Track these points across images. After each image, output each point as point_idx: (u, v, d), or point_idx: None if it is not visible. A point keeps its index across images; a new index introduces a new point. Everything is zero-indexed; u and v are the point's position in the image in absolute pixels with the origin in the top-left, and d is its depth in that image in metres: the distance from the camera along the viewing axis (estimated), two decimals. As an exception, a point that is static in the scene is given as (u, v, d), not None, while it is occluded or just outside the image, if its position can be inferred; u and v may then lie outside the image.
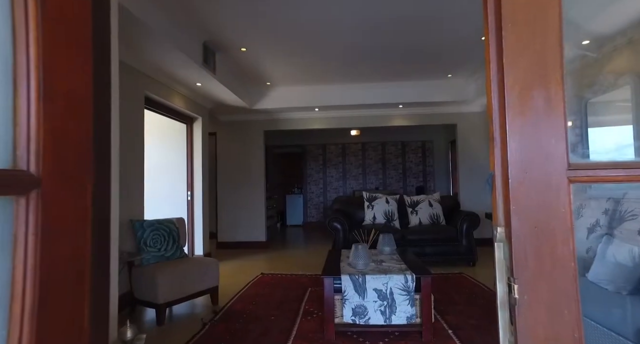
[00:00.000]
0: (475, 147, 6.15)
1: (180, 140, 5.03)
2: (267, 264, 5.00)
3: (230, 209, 6.37)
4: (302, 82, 5.58)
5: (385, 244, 3.19)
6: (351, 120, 6.38)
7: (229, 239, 6.34)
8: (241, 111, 6.07)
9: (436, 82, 5.62)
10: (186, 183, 5.00)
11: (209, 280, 3.07)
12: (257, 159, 6.42)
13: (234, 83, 4.89)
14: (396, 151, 9.68)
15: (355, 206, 5.24)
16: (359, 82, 5.59)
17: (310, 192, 9.85)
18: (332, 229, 4.69)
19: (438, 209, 4.88)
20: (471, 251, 4.52)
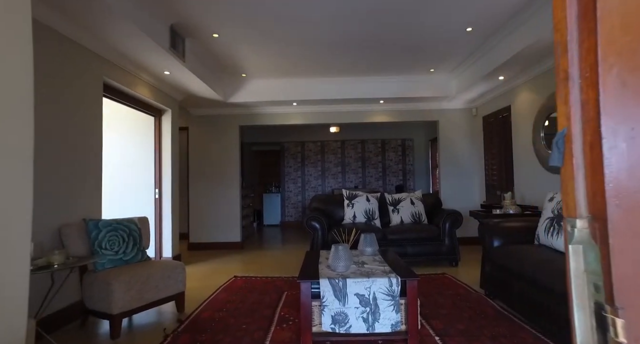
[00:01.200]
0: (456, 145, 6.06)
1: (147, 134, 4.67)
2: (241, 266, 4.71)
3: (203, 208, 6.04)
4: (279, 75, 5.31)
5: (367, 244, 2.98)
6: (331, 116, 6.16)
7: (202, 239, 6.00)
8: (215, 105, 5.75)
9: (418, 77, 5.48)
10: (154, 180, 4.65)
11: (173, 285, 2.78)
12: (232, 156, 6.11)
13: (206, 73, 4.58)
14: (376, 149, 9.55)
15: (335, 204, 5.02)
16: (339, 75, 5.38)
17: (288, 191, 9.59)
18: (310, 228, 4.45)
19: (420, 208, 4.73)
20: (454, 250, 4.39)
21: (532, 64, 4.07)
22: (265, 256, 5.42)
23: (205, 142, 6.11)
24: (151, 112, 4.52)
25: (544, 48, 3.58)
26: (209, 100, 5.42)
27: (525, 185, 4.57)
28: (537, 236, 2.84)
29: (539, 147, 4.19)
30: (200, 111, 6.07)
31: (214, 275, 4.26)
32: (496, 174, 5.35)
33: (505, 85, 4.87)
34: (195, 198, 6.04)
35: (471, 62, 4.71)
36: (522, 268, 2.52)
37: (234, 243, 6.01)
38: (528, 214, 3.88)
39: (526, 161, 4.54)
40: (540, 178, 4.25)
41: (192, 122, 6.12)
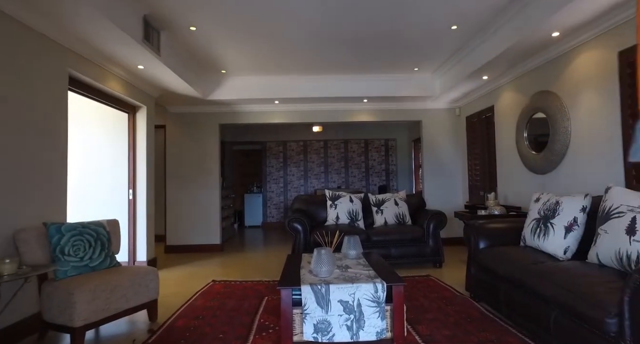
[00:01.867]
0: (440, 145, 6.03)
1: (120, 132, 4.43)
2: (221, 270, 4.53)
3: (181, 209, 5.81)
4: (261, 72, 5.15)
5: (350, 247, 2.86)
6: (314, 114, 6.04)
7: (179, 242, 5.78)
8: (193, 102, 5.53)
9: (402, 76, 5.42)
10: (128, 180, 4.41)
11: (145, 293, 2.59)
12: (212, 155, 5.91)
13: (183, 68, 4.37)
14: (359, 149, 9.48)
15: (317, 205, 4.90)
16: (322, 73, 5.26)
17: (270, 191, 9.41)
18: (292, 230, 4.31)
19: (404, 208, 4.66)
20: (438, 252, 4.34)
21: (516, 63, 4.05)
22: (246, 258, 5.25)
23: (184, 141, 5.88)
24: (125, 108, 4.28)
25: (528, 47, 3.55)
26: (187, 97, 5.21)
27: (509, 185, 4.56)
28: (523, 237, 2.79)
29: (522, 148, 4.17)
30: (178, 108, 5.84)
31: (191, 280, 4.07)
32: (479, 175, 5.35)
33: (489, 85, 4.86)
34: (173, 199, 5.81)
35: (455, 61, 4.67)
36: (509, 270, 2.46)
37: (213, 245, 5.81)
38: (513, 215, 3.86)
39: (509, 161, 4.53)
40: (523, 178, 4.24)
41: (169, 120, 5.89)
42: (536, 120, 3.95)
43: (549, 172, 3.75)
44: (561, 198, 2.55)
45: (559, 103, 3.54)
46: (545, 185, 3.82)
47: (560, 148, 3.54)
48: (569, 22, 3.03)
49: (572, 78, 3.40)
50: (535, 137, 3.99)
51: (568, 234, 2.39)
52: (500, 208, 3.86)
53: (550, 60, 3.69)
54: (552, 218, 2.52)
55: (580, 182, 3.33)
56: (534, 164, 3.95)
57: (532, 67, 3.95)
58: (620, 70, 2.88)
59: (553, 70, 3.67)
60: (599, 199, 2.46)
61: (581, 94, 3.30)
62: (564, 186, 3.54)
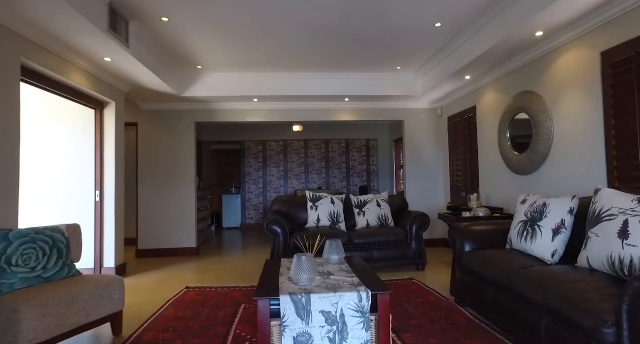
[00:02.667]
0: (422, 145, 5.98)
1: (87, 129, 4.14)
2: (196, 275, 4.30)
3: (154, 211, 5.52)
4: (239, 68, 4.94)
5: (332, 252, 2.71)
6: (294, 113, 5.87)
7: (152, 246, 5.49)
8: (168, 99, 5.27)
9: (385, 75, 5.33)
10: (94, 181, 4.12)
11: (108, 305, 2.36)
12: (187, 155, 5.65)
13: (156, 63, 4.12)
14: (340, 149, 9.37)
15: (298, 206, 4.73)
16: (303, 71, 5.10)
17: (249, 192, 9.17)
18: (271, 233, 4.13)
19: (386, 210, 4.55)
20: (421, 254, 4.25)
21: (499, 63, 4.01)
22: (223, 262, 5.02)
23: (157, 140, 5.60)
24: (91, 104, 4.00)
25: (512, 47, 3.50)
26: (161, 93, 4.94)
27: (491, 186, 4.53)
28: (510, 240, 2.72)
29: (505, 148, 4.14)
30: (151, 105, 5.55)
31: (163, 287, 3.82)
32: (461, 175, 5.31)
33: (471, 85, 4.82)
34: (145, 200, 5.51)
35: (439, 61, 4.61)
36: (497, 274, 2.37)
37: (188, 249, 5.55)
38: (498, 217, 3.80)
39: (492, 162, 4.50)
40: (505, 180, 4.21)
41: (142, 118, 5.59)
42: (519, 121, 3.92)
43: (532, 174, 3.72)
44: (548, 200, 2.48)
45: (542, 104, 3.51)
46: (528, 186, 3.79)
47: (543, 149, 3.51)
48: (552, 22, 2.99)
49: (555, 78, 3.37)
50: (518, 138, 3.96)
51: (556, 237, 2.32)
52: (485, 210, 3.80)
53: (534, 60, 3.66)
54: (539, 221, 2.45)
55: (563, 183, 3.30)
56: (517, 165, 3.92)
57: (515, 67, 3.92)
58: (603, 70, 2.86)
59: (536, 70, 3.64)
60: (586, 200, 2.41)
61: (564, 95, 3.28)
62: (547, 187, 3.51)
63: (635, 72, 2.58)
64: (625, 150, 2.68)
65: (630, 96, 2.62)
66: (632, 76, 2.61)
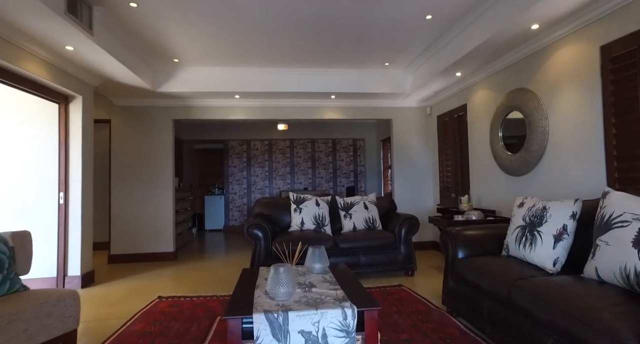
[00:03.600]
0: (410, 145, 5.79)
1: (50, 124, 3.80)
2: (171, 283, 4.00)
3: (128, 213, 5.19)
4: (218, 62, 4.66)
5: (315, 260, 2.48)
6: (278, 111, 5.61)
7: (125, 251, 5.16)
8: (143, 94, 4.95)
9: (373, 71, 5.11)
10: (58, 182, 3.79)
11: (57, 325, 2.07)
12: (165, 154, 5.33)
13: (126, 54, 3.82)
14: (326, 149, 9.14)
15: (281, 209, 4.48)
16: (287, 66, 4.85)
17: (232, 193, 8.86)
18: (252, 237, 3.87)
19: (374, 212, 4.34)
20: (410, 259, 4.05)
21: (491, 59, 3.84)
22: (202, 268, 4.73)
23: (132, 138, 5.27)
24: (54, 98, 3.66)
25: (507, 41, 3.33)
26: (135, 88, 4.62)
27: (482, 188, 4.36)
28: (506, 246, 2.53)
29: (497, 148, 3.97)
30: (125, 100, 5.22)
31: (133, 296, 3.52)
32: (451, 176, 5.14)
33: (462, 82, 4.65)
34: (119, 202, 5.18)
35: (429, 56, 4.42)
36: (494, 285, 2.17)
37: (165, 254, 5.23)
38: (491, 221, 3.61)
39: (483, 162, 4.33)
40: (498, 180, 4.04)
41: (115, 114, 5.25)
42: (512, 119, 3.76)
43: (526, 174, 3.55)
44: (548, 203, 2.29)
45: (536, 101, 3.35)
46: (522, 188, 3.62)
47: (537, 149, 3.34)
48: (549, 14, 2.81)
49: (551, 75, 3.21)
50: (511, 138, 3.79)
51: (557, 243, 2.13)
52: (478, 213, 3.61)
53: (528, 55, 3.49)
54: (539, 226, 2.26)
55: (559, 184, 3.13)
56: (510, 166, 3.75)
57: (508, 63, 3.75)
58: (603, 65, 2.70)
59: (530, 66, 3.47)
60: (589, 204, 2.23)
61: (560, 92, 3.11)
62: (542, 189, 3.34)
63: (637, 67, 2.42)
64: (627, 149, 2.52)
65: (632, 92, 2.46)
66: (634, 71, 2.45)
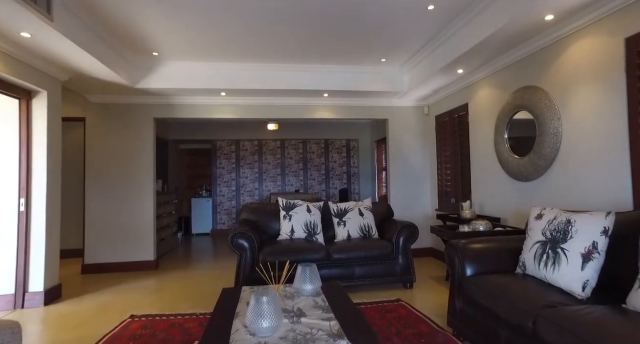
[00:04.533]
0: (407, 146, 5.49)
1: (7, 123, 3.41)
2: (147, 298, 3.63)
3: (104, 219, 4.80)
4: (203, 57, 4.30)
5: (306, 280, 2.15)
6: (268, 110, 5.27)
7: (101, 259, 4.77)
8: (120, 90, 4.57)
9: (368, 68, 4.80)
10: (18, 187, 3.40)
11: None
12: (145, 155, 4.95)
13: (97, 45, 3.44)
14: (319, 149, 8.82)
15: (270, 215, 4.14)
16: (276, 61, 4.51)
17: (220, 195, 8.49)
18: (237, 248, 3.53)
19: (369, 219, 4.02)
20: (409, 270, 3.74)
21: (497, 54, 3.55)
22: (184, 278, 4.37)
23: (109, 138, 4.87)
24: (12, 92, 3.28)
25: (516, 34, 3.04)
26: (110, 84, 4.24)
27: (485, 193, 4.08)
28: (523, 263, 2.23)
29: (502, 151, 3.69)
30: (101, 97, 4.82)
31: (102, 315, 3.15)
32: (450, 180, 4.85)
33: (464, 80, 4.36)
34: (94, 207, 4.78)
35: (429, 51, 4.12)
36: (514, 313, 1.86)
37: (145, 263, 4.85)
38: (501, 232, 3.27)
39: (486, 165, 4.05)
40: (503, 186, 3.75)
41: (90, 112, 4.85)
42: (519, 120, 3.47)
43: (535, 179, 3.27)
44: (573, 216, 2.00)
45: (548, 100, 3.06)
46: (530, 194, 3.34)
47: (548, 152, 3.05)
48: (566, 3, 2.53)
49: (565, 71, 2.92)
50: (518, 140, 3.51)
51: (586, 264, 1.83)
52: (485, 223, 3.29)
53: (539, 50, 3.20)
54: (562, 242, 1.96)
55: (573, 192, 2.85)
56: (517, 170, 3.47)
57: (517, 58, 3.47)
58: (628, 59, 2.42)
59: (541, 62, 3.19)
60: (624, 218, 1.93)
61: (576, 89, 2.83)
62: (553, 196, 3.06)
63: (671, 61, 2.14)
64: (657, 154, 2.24)
65: (664, 90, 2.18)
66: (666, 66, 2.17)
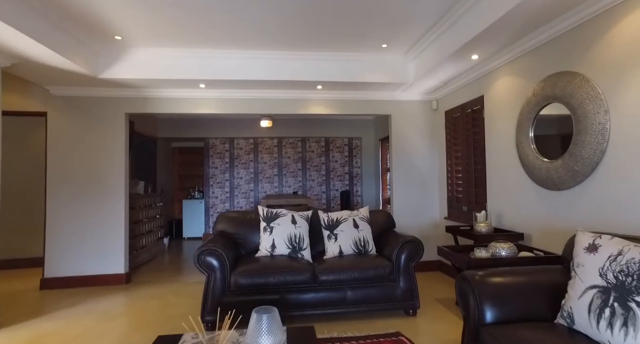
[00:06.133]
0: (412, 146, 4.85)
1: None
2: (101, 325, 3.07)
3: (68, 227, 4.27)
4: (176, 42, 3.72)
5: (262, 332, 1.55)
6: (255, 104, 4.67)
7: (63, 273, 4.24)
8: (83, 81, 4.02)
9: (367, 56, 4.17)
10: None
11: None
12: (115, 155, 4.40)
13: (38, 24, 2.88)
14: (319, 148, 8.21)
15: (250, 226, 3.55)
16: (261, 48, 3.91)
17: (213, 197, 7.93)
18: (204, 267, 2.94)
19: (366, 232, 3.40)
20: (412, 294, 3.12)
21: (520, 35, 2.90)
22: (153, 297, 3.80)
23: (74, 135, 4.33)
24: None
25: (542, 9, 2.39)
26: (68, 73, 3.69)
27: (504, 202, 3.43)
28: (569, 314, 1.59)
29: (527, 152, 3.04)
30: (64, 90, 4.28)
31: (36, 350, 2.60)
32: (462, 185, 4.20)
33: (479, 68, 3.70)
34: (56, 213, 4.24)
35: (437, 34, 3.47)
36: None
37: (114, 276, 4.30)
38: (529, 259, 2.55)
39: (506, 170, 3.40)
40: (526, 194, 3.10)
41: (52, 106, 4.31)
42: (549, 115, 2.82)
43: (569, 189, 2.62)
44: (648, 251, 1.36)
45: (590, 89, 2.41)
46: (563, 206, 2.69)
47: (590, 154, 2.40)
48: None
49: (616, 49, 2.27)
50: (547, 139, 2.86)
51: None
52: (509, 246, 2.59)
53: (577, 25, 2.55)
54: (637, 293, 1.32)
55: (625, 207, 2.20)
56: (546, 176, 2.82)
57: (546, 38, 2.81)
58: None
59: (580, 40, 2.53)
60: None
61: (630, 74, 2.17)
62: (595, 210, 2.41)
63: None
64: None
65: None
66: None
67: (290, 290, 2.99)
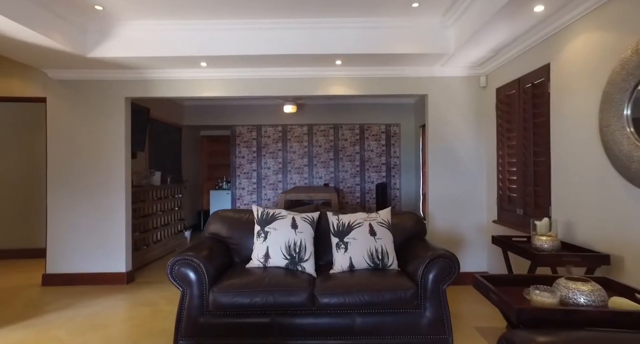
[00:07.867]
0: (455, 131, 3.98)
1: None
2: (79, 337, 2.69)
3: (69, 220, 4.00)
4: (170, 13, 3.19)
5: None
6: (266, 85, 4.06)
7: (65, 269, 3.99)
8: (76, 62, 3.66)
9: (394, 21, 3.36)
10: None
11: None
12: (115, 145, 4.04)
13: (-9, -11, 2.46)
14: (353, 136, 7.47)
15: (247, 228, 2.98)
16: (267, 16, 3.27)
17: (240, 188, 7.54)
18: (179, 280, 2.42)
19: (385, 241, 2.68)
20: (442, 324, 2.37)
21: (614, -36, 1.96)
22: (146, 304, 3.40)
23: (75, 122, 4.03)
24: None
25: None
26: (52, 52, 3.32)
27: (577, 207, 2.52)
28: None
29: (618, 139, 2.11)
30: (62, 73, 3.96)
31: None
32: (516, 181, 3.30)
33: (544, 26, 2.76)
34: (57, 206, 3.99)
35: (485, -20, 2.59)
36: None
37: (115, 275, 3.99)
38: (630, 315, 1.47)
39: (581, 163, 2.48)
40: (614, 197, 2.19)
41: (52, 91, 4.02)
42: (655, 81, 1.89)
43: (690, 195, 1.70)
44: None
45: None
46: (676, 220, 1.77)
47: None
48: None
49: None
50: (651, 118, 1.93)
51: None
52: (591, 289, 1.37)
53: None
54: None
55: None
56: (647, 174, 1.90)
57: (656, -35, 1.86)
58: None
59: None
60: None
61: None
62: None
63: None
64: None
65: None
66: None
67: (284, 313, 2.39)
